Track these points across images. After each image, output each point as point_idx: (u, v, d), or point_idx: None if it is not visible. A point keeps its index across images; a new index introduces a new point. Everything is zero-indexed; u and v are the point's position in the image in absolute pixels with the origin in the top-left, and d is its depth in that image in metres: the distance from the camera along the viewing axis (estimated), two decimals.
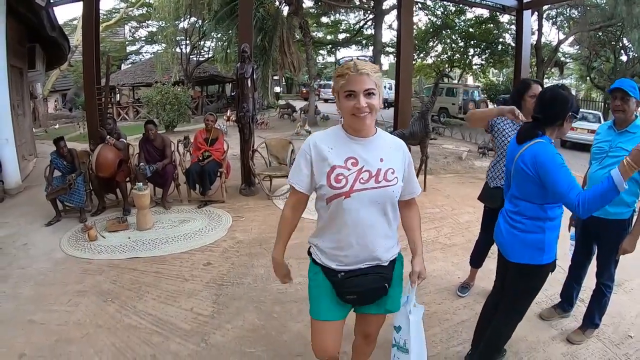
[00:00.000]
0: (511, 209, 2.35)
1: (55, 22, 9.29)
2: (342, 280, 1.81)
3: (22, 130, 8.92)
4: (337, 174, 1.72)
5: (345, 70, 1.66)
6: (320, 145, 1.77)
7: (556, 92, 2.22)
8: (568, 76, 32.27)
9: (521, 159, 2.21)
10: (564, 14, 21.15)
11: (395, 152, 1.84)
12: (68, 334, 3.07)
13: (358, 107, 1.65)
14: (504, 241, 2.37)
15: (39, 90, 18.43)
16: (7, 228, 5.34)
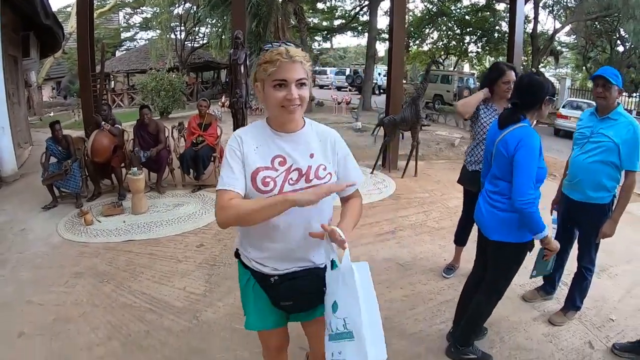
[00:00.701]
0: (491, 189, 2.45)
1: (49, 10, 9.24)
2: (275, 284, 1.65)
3: (18, 119, 8.93)
4: (263, 177, 1.53)
5: (276, 56, 1.45)
6: (247, 143, 1.57)
7: (532, 78, 2.34)
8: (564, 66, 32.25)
9: (503, 141, 2.32)
10: (561, 3, 21.09)
11: (324, 146, 1.66)
12: (65, 313, 3.18)
13: (289, 98, 1.46)
14: (484, 220, 2.46)
15: (33, 79, 18.32)
16: (5, 215, 5.43)
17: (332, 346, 1.47)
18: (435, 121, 15.93)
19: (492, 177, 2.47)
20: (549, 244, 2.31)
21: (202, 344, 2.83)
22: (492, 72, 3.30)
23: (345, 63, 44.32)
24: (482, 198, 2.54)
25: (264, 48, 1.52)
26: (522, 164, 2.22)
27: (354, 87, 29.29)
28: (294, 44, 1.50)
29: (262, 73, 1.49)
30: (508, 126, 2.34)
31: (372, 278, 1.45)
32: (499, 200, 2.38)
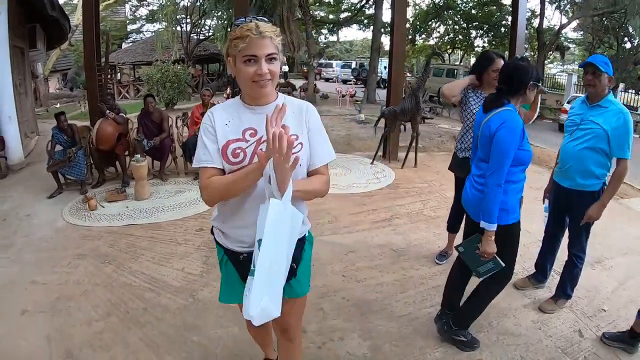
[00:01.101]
0: (476, 173, 2.51)
1: (55, 2, 9.38)
2: (244, 261, 1.65)
3: (24, 109, 9.06)
4: (233, 148, 1.56)
5: (246, 32, 1.45)
6: (219, 118, 1.61)
7: (517, 64, 2.40)
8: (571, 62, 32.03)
9: (487, 124, 2.37)
10: None
11: (297, 117, 1.65)
12: (68, 292, 3.31)
13: (260, 73, 1.48)
14: (471, 204, 2.52)
15: (40, 70, 18.46)
16: (11, 201, 5.56)
17: (248, 281, 1.45)
18: (439, 114, 15.93)
19: (477, 160, 2.52)
20: (486, 240, 2.36)
21: (197, 320, 2.94)
22: (482, 60, 3.36)
23: (352, 56, 44.22)
24: (468, 182, 2.60)
25: (234, 23, 1.52)
26: (500, 142, 2.27)
27: (359, 80, 29.27)
28: (266, 20, 1.52)
29: (233, 49, 1.50)
30: (492, 110, 2.40)
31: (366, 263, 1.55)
32: (483, 183, 2.41)
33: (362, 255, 3.95)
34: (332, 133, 10.92)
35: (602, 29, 20.77)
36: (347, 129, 11.70)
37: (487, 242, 2.36)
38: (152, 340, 2.75)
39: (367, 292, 3.33)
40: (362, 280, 3.52)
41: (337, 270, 3.66)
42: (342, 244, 4.14)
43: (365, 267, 3.74)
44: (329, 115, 14.49)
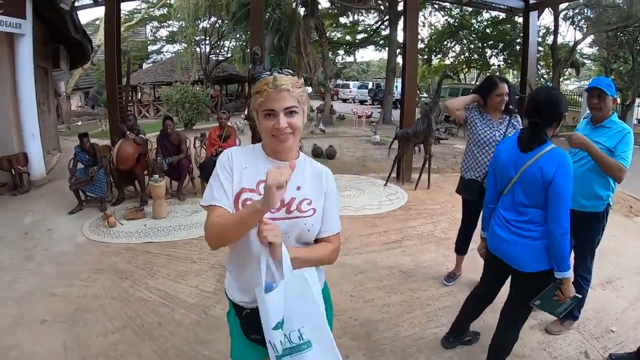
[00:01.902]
0: (519, 219, 2.30)
1: (78, 25, 9.79)
2: (247, 317, 1.58)
3: (47, 126, 9.44)
4: (245, 199, 1.47)
5: (263, 86, 1.44)
6: (238, 160, 1.54)
7: (550, 94, 2.25)
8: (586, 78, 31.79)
9: (537, 167, 2.16)
10: (581, 14, 20.88)
11: (316, 181, 1.58)
12: (85, 305, 3.47)
13: (278, 127, 1.43)
14: (514, 253, 2.32)
15: (63, 88, 19.08)
16: (33, 215, 5.78)
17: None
18: (455, 135, 15.93)
19: (517, 205, 2.31)
20: (567, 286, 2.20)
21: (209, 335, 3.04)
22: (485, 85, 3.46)
23: (368, 77, 44.59)
24: (501, 228, 2.39)
25: (257, 76, 1.52)
26: (562, 190, 2.10)
27: (376, 100, 29.44)
28: (288, 72, 1.49)
29: (254, 102, 1.49)
30: (535, 149, 2.21)
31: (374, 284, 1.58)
32: (531, 229, 2.24)
33: (371, 276, 4.01)
34: (347, 154, 11.05)
35: (617, 44, 20.59)
36: (362, 150, 11.80)
37: (568, 288, 2.21)
38: (164, 352, 2.86)
39: (374, 312, 3.39)
40: (369, 300, 3.58)
41: (346, 290, 3.73)
42: (352, 265, 4.21)
43: (374, 287, 3.80)
44: (344, 137, 14.63)
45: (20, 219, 5.69)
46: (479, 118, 3.44)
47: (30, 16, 7.04)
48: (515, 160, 2.29)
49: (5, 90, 7.18)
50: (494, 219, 2.49)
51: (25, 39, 7.06)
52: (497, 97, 3.30)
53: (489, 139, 3.37)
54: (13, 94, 7.22)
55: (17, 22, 6.79)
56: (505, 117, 3.42)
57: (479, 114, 3.45)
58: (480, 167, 3.46)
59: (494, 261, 2.51)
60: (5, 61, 7.13)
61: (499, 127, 3.39)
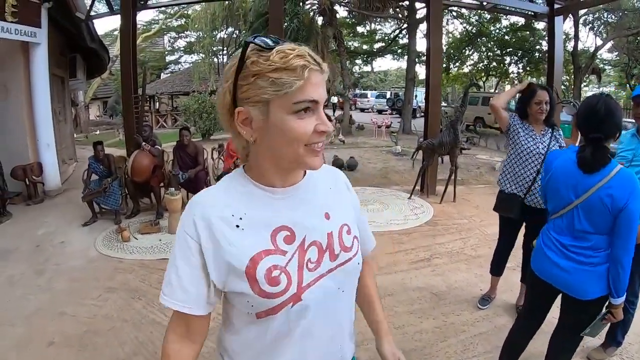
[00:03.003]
0: (578, 244, 2.07)
1: (94, 34, 9.85)
2: None
3: (63, 136, 9.44)
4: (267, 269, 0.92)
5: (301, 62, 0.84)
6: (217, 217, 0.93)
7: (610, 104, 1.99)
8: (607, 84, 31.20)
9: (605, 192, 1.92)
10: (601, 19, 20.55)
11: (337, 192, 1.11)
12: (96, 326, 3.27)
13: (324, 129, 0.90)
14: (573, 280, 2.08)
15: (81, 98, 19.27)
16: (46, 227, 5.67)
17: None
18: (476, 144, 15.54)
19: (580, 231, 2.05)
20: (619, 311, 2.03)
21: None
22: (525, 93, 3.25)
23: (386, 86, 44.51)
24: (555, 253, 2.14)
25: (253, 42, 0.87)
26: (634, 217, 1.88)
27: (394, 110, 29.22)
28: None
29: (265, 89, 0.85)
30: (599, 169, 1.95)
31: (404, 307, 1.29)
32: (593, 255, 2.02)
33: (401, 299, 3.73)
34: (369, 166, 10.80)
35: (637, 49, 20.23)
36: (383, 162, 11.51)
37: (620, 313, 2.03)
38: None
39: (406, 340, 3.11)
40: (400, 327, 3.30)
41: None
42: (379, 287, 3.86)
43: (404, 312, 3.51)
44: (364, 147, 14.37)
45: (33, 230, 5.59)
46: (521, 127, 3.22)
47: (45, 25, 7.06)
48: (576, 182, 2.02)
49: (21, 99, 7.17)
50: (543, 240, 2.23)
51: (41, 48, 7.05)
52: (536, 105, 3.09)
53: (532, 151, 3.14)
54: (28, 103, 7.20)
55: (32, 30, 6.79)
56: (547, 128, 3.19)
57: (520, 123, 3.23)
58: (521, 181, 3.22)
59: (540, 287, 2.25)
60: (20, 70, 7.12)
61: (542, 139, 3.16)
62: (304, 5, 17.43)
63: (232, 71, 0.89)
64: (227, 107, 0.92)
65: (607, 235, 1.98)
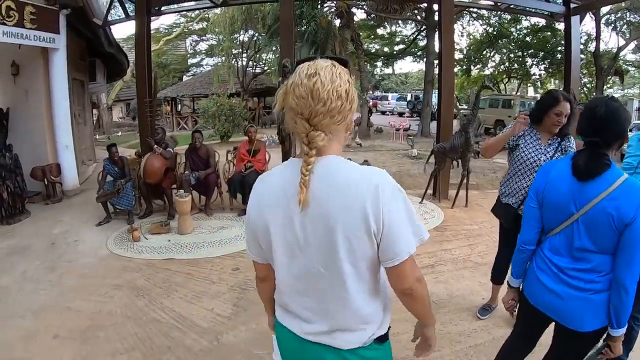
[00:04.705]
0: (576, 266, 1.84)
1: (112, 39, 10.15)
2: None
3: (83, 137, 9.72)
4: None
5: None
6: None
7: (611, 107, 1.77)
8: (632, 86, 30.26)
9: (609, 204, 1.70)
10: (624, 18, 19.97)
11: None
12: (99, 321, 3.41)
13: None
14: (568, 309, 1.86)
15: (104, 100, 19.70)
16: (62, 226, 5.88)
17: None
18: None
19: (576, 250, 1.83)
20: (619, 344, 1.84)
21: None
22: (545, 99, 2.95)
23: (407, 88, 44.10)
24: (549, 277, 1.92)
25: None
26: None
27: (415, 112, 29.01)
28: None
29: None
30: (594, 176, 1.76)
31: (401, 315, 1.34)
32: (593, 280, 1.79)
33: (398, 306, 3.64)
34: (383, 167, 10.71)
35: None
36: (398, 165, 11.45)
37: (619, 347, 1.84)
38: None
39: (399, 349, 3.05)
40: (395, 334, 3.25)
41: None
42: None
43: (400, 319, 3.43)
44: (381, 151, 14.33)
45: (50, 228, 5.80)
46: (528, 132, 3.01)
47: (64, 31, 7.27)
48: (576, 193, 1.79)
49: (41, 102, 7.40)
50: (536, 262, 2.01)
51: (59, 53, 7.28)
52: (556, 115, 2.81)
53: (533, 162, 2.94)
54: (48, 106, 7.43)
55: (51, 36, 7.01)
56: (555, 138, 2.94)
57: (529, 128, 3.01)
58: (517, 193, 3.07)
59: (532, 314, 2.05)
60: (40, 74, 7.35)
61: (547, 150, 2.93)
62: (321, 8, 17.48)
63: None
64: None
65: (611, 256, 1.76)
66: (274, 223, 1.25)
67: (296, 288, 1.32)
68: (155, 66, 22.40)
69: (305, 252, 1.25)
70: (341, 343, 1.31)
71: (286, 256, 1.28)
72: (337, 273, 1.24)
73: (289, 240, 1.25)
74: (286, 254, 1.27)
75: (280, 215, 1.24)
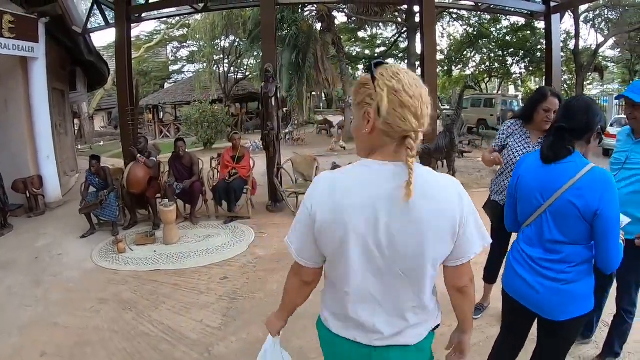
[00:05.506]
0: (547, 257, 1.87)
1: (92, 47, 9.98)
2: None
3: (64, 148, 9.56)
4: None
5: None
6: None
7: (586, 100, 1.89)
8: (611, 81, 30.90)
9: (574, 193, 1.74)
10: (602, 16, 20.42)
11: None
12: (86, 337, 3.32)
13: None
14: (540, 299, 1.89)
15: (85, 109, 19.43)
16: (45, 239, 5.76)
17: None
18: (479, 147, 15.34)
19: (550, 242, 1.85)
20: None
21: None
22: (535, 95, 3.01)
23: None
24: (524, 268, 1.95)
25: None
26: (611, 222, 1.71)
27: None
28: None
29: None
30: (556, 160, 1.82)
31: None
32: (564, 271, 1.82)
33: None
34: None
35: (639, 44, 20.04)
36: None
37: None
38: None
39: None
40: None
41: None
42: None
43: None
44: None
45: (33, 242, 5.69)
46: (519, 132, 3.03)
47: (43, 40, 7.15)
48: (542, 184, 1.84)
49: (21, 113, 7.27)
50: (512, 253, 2.04)
51: (39, 62, 7.15)
52: (544, 111, 2.83)
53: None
54: (28, 117, 7.29)
55: (30, 45, 6.89)
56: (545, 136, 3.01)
57: (520, 128, 3.04)
58: (505, 191, 3.06)
59: (512, 307, 2.08)
60: (20, 84, 7.23)
61: (535, 148, 2.92)
62: (302, 13, 17.49)
63: None
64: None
65: (582, 247, 1.81)
66: (354, 225, 1.20)
67: (368, 292, 1.29)
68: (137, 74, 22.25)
69: (385, 255, 1.22)
70: (409, 340, 1.35)
71: (363, 260, 1.24)
72: (419, 275, 1.26)
73: (369, 243, 1.21)
74: (363, 257, 1.23)
75: (364, 217, 1.19)
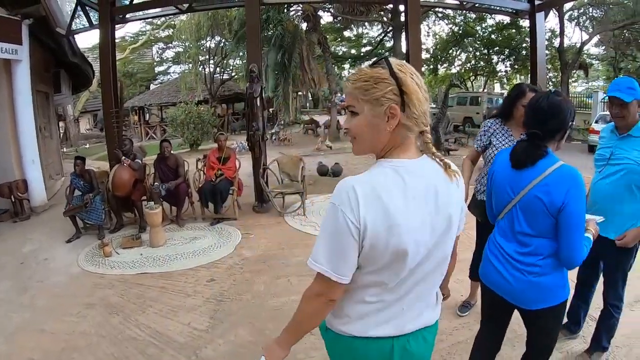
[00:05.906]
0: (520, 250, 1.94)
1: (76, 49, 9.87)
2: None
3: (49, 151, 9.43)
4: None
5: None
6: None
7: (553, 100, 1.89)
8: (596, 78, 31.32)
9: (541, 188, 1.82)
10: (586, 14, 20.62)
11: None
12: (73, 343, 3.29)
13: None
14: (514, 290, 1.96)
15: (70, 112, 19.20)
16: (31, 244, 5.70)
17: None
18: (465, 145, 15.45)
19: (519, 234, 1.94)
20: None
21: None
22: (513, 92, 3.03)
23: None
24: (498, 260, 2.03)
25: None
26: (576, 217, 1.77)
27: None
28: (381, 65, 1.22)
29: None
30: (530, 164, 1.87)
31: None
32: (534, 263, 1.89)
33: None
34: (355, 172, 10.36)
35: (624, 42, 20.30)
36: (368, 166, 11.48)
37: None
38: None
39: None
40: None
41: None
42: None
43: None
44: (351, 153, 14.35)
45: (19, 247, 5.62)
46: (500, 130, 3.05)
47: (26, 42, 7.06)
48: (512, 179, 1.92)
49: (4, 116, 7.17)
50: (489, 245, 2.12)
51: (22, 65, 7.07)
52: (523, 107, 2.77)
53: None
54: (12, 120, 7.19)
55: (13, 47, 6.80)
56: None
57: (500, 126, 3.06)
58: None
59: (489, 296, 2.15)
60: (3, 87, 7.12)
61: None
62: (288, 12, 17.47)
63: None
64: None
65: (549, 240, 1.87)
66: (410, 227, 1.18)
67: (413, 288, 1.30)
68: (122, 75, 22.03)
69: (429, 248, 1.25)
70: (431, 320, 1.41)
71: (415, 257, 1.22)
72: (444, 258, 1.32)
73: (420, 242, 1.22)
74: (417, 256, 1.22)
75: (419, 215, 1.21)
